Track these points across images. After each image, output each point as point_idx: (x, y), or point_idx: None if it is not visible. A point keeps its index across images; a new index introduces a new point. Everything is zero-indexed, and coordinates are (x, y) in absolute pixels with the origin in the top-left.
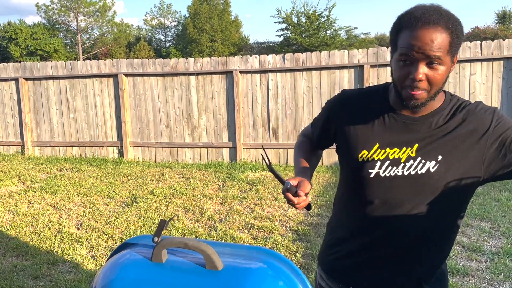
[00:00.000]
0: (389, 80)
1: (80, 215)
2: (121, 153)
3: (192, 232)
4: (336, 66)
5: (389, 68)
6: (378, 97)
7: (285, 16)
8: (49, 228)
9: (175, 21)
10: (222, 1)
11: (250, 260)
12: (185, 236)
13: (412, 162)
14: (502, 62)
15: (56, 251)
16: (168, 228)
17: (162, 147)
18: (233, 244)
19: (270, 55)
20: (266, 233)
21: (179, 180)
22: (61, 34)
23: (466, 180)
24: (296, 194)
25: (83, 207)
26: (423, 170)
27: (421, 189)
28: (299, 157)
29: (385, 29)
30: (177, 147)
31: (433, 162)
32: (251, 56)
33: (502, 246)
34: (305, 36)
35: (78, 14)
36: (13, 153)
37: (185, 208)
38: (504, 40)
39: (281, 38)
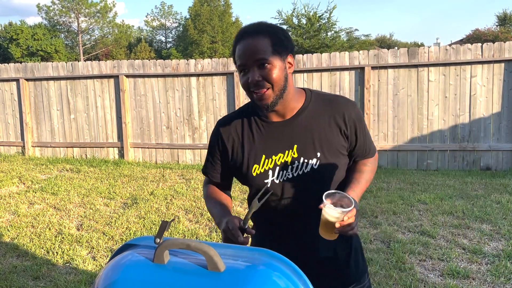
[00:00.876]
0: (389, 81)
1: (81, 216)
2: (121, 154)
3: (193, 234)
4: (337, 67)
5: (390, 70)
6: (249, 113)
7: (285, 17)
8: (49, 229)
9: (176, 22)
10: (223, 3)
11: (252, 261)
12: (186, 238)
13: (297, 163)
14: (503, 64)
15: (56, 252)
16: (168, 230)
17: (162, 148)
18: (234, 245)
19: None
20: None
21: (180, 181)
22: (62, 35)
23: (342, 162)
24: (248, 232)
25: (84, 208)
26: (308, 169)
27: (312, 184)
28: (214, 202)
29: (386, 31)
30: (177, 148)
31: (315, 160)
32: None
33: (503, 249)
34: (306, 37)
35: (79, 15)
36: (14, 154)
37: (185, 209)
38: (505, 42)
39: None
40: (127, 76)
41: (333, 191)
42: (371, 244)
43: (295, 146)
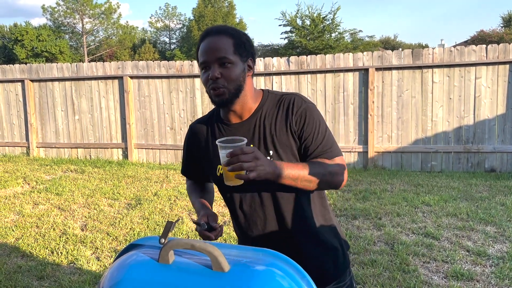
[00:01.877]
0: (393, 82)
1: (85, 217)
2: (125, 155)
3: (196, 234)
4: (341, 69)
5: (394, 71)
6: (213, 118)
7: (289, 19)
8: (53, 229)
9: (180, 23)
10: (227, 4)
11: (256, 262)
12: (189, 238)
13: None
14: (507, 66)
15: (60, 252)
16: (173, 230)
17: (166, 149)
18: (239, 246)
19: (275, 58)
20: None
21: (183, 182)
22: (67, 36)
23: (294, 160)
24: (211, 228)
25: (88, 208)
26: None
27: (269, 183)
28: (194, 198)
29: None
30: (181, 149)
31: (268, 158)
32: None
33: (507, 251)
34: (310, 39)
35: (84, 16)
36: (19, 154)
37: (189, 210)
38: (509, 43)
39: (286, 41)
40: (131, 77)
41: (224, 138)
42: (375, 245)
43: (251, 145)
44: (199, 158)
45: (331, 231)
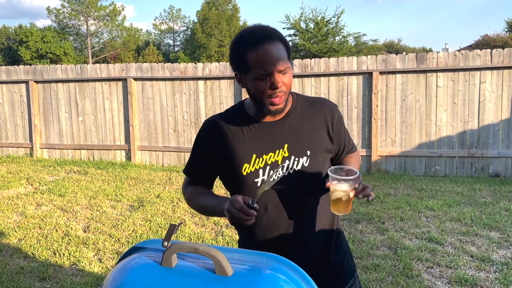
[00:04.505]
0: (397, 86)
1: (87, 218)
2: (128, 157)
3: (199, 237)
4: (344, 72)
5: (398, 75)
6: (238, 114)
7: (293, 22)
8: (56, 230)
9: (184, 26)
10: (231, 7)
11: (259, 266)
12: (192, 241)
13: (288, 162)
14: None
15: (63, 254)
16: (176, 233)
17: (169, 151)
18: (242, 250)
19: None
20: None
21: None
22: (71, 37)
23: (328, 160)
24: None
25: (90, 210)
26: (299, 167)
27: (302, 182)
28: (206, 198)
29: (394, 36)
30: (184, 152)
31: (305, 158)
32: None
33: (511, 257)
34: (314, 42)
35: (88, 18)
36: (22, 155)
37: (191, 213)
38: None
39: (289, 44)
40: (135, 79)
41: (332, 168)
42: (378, 250)
43: (286, 145)
44: (214, 156)
45: (342, 234)
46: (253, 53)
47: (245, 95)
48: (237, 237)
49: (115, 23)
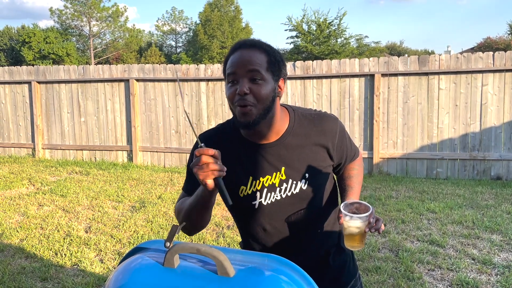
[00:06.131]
0: (399, 88)
1: (89, 219)
2: (130, 158)
3: (200, 238)
4: (346, 74)
5: (400, 77)
6: (232, 133)
7: (295, 23)
8: (58, 231)
9: (186, 27)
10: (233, 8)
11: (262, 267)
12: (193, 242)
13: (286, 185)
14: None
15: (64, 254)
16: (178, 234)
17: (171, 152)
18: (244, 251)
19: None
20: None
21: None
22: (74, 38)
23: (328, 179)
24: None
25: (92, 210)
26: (297, 190)
27: (301, 204)
28: (186, 201)
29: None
30: (186, 153)
31: (303, 181)
32: None
33: None
34: (316, 44)
35: (91, 19)
36: (24, 156)
37: None
38: None
39: (291, 46)
40: (138, 80)
41: (343, 204)
42: (379, 252)
43: (283, 168)
44: None
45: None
46: (230, 56)
47: None
48: (239, 238)
49: (117, 24)
